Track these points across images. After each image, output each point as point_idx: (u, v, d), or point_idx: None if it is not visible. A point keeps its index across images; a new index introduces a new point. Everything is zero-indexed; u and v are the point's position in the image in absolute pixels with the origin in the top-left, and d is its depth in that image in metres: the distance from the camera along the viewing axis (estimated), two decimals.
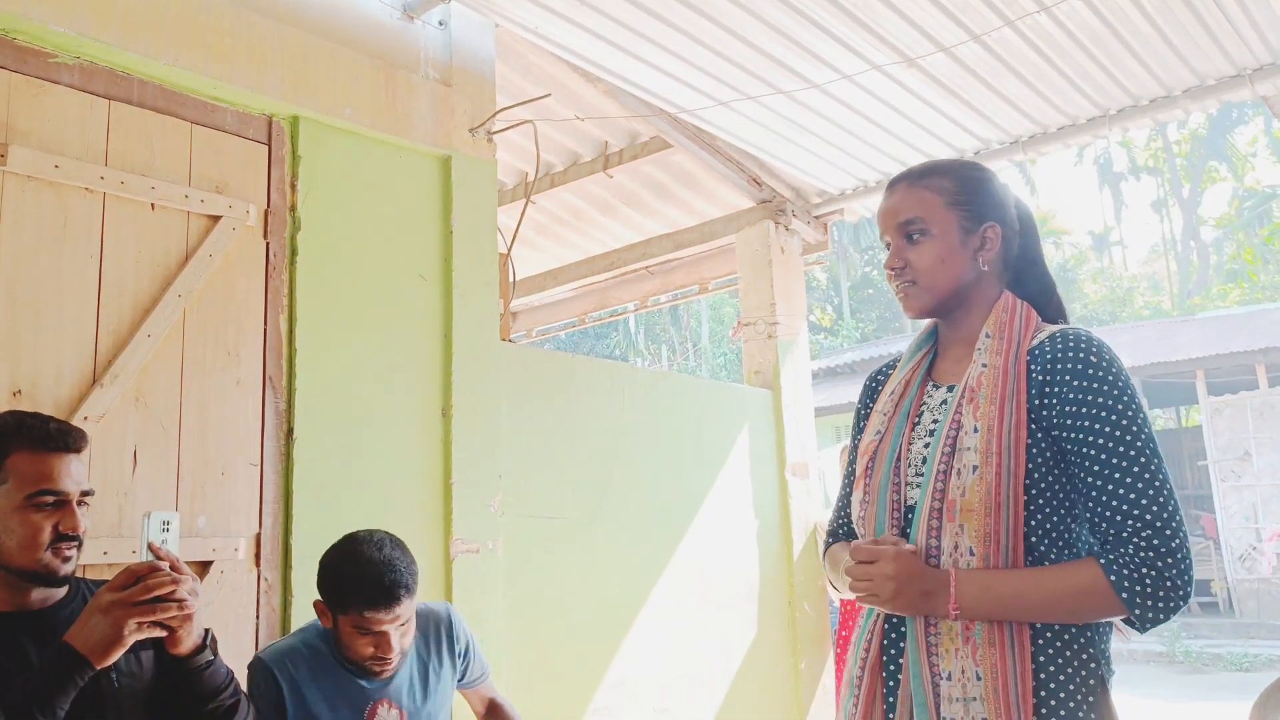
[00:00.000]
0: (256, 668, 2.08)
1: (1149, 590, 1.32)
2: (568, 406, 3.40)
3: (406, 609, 2.00)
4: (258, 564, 2.47)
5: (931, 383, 1.59)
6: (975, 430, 1.42)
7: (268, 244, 2.63)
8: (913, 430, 1.53)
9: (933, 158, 4.19)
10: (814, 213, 4.68)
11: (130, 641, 1.54)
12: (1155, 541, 1.33)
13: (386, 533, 2.08)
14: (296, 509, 2.53)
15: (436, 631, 2.24)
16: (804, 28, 3.19)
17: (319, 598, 2.05)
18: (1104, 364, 1.41)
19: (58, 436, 1.65)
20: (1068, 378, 1.42)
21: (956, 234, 1.52)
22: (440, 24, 3.12)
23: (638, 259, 5.16)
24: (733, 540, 3.97)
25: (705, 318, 22.87)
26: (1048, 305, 1.58)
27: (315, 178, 2.74)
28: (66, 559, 1.64)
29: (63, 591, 1.69)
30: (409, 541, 2.70)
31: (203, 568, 2.36)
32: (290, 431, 2.58)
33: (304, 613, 2.43)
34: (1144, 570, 1.32)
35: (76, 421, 2.16)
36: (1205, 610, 13.87)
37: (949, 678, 1.38)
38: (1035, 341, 1.47)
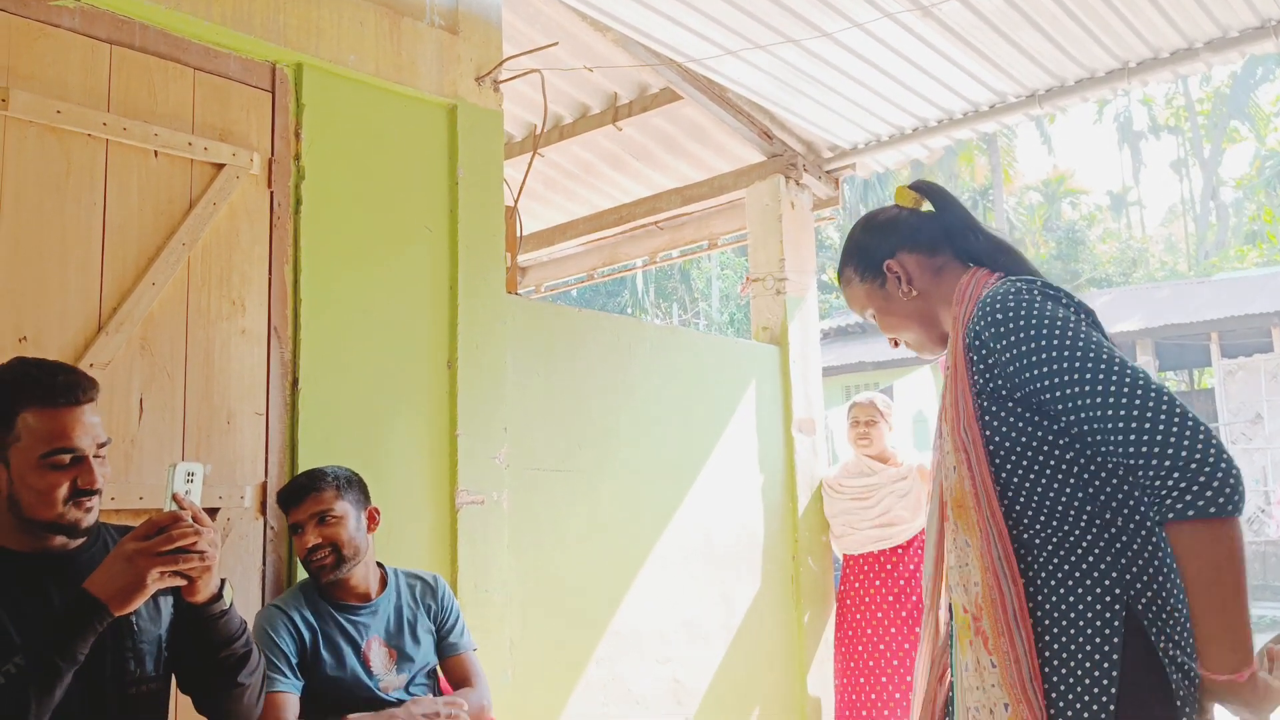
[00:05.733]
0: (267, 612, 2.28)
1: (1219, 491, 1.26)
2: (573, 360, 3.40)
3: (320, 501, 2.27)
4: (263, 512, 2.49)
5: None
6: (948, 432, 1.51)
7: (272, 193, 2.61)
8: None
9: (947, 111, 4.15)
10: (825, 167, 4.63)
11: (152, 590, 1.55)
12: (1169, 467, 1.28)
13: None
14: (301, 458, 2.54)
15: (425, 590, 2.46)
16: None
17: None
18: (1013, 315, 1.42)
19: (66, 390, 1.62)
20: (993, 345, 1.45)
21: (879, 293, 1.69)
22: None
23: (647, 214, 5.12)
24: (738, 495, 3.98)
25: (716, 276, 22.80)
26: (998, 259, 1.62)
27: (319, 126, 2.72)
28: (88, 510, 1.65)
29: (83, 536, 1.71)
30: (415, 491, 2.76)
31: (209, 515, 2.37)
32: (295, 381, 2.58)
33: None
34: (1197, 490, 1.27)
35: (83, 369, 2.16)
36: None
37: (966, 669, 1.44)
38: (971, 322, 1.51)
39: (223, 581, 1.69)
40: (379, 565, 2.42)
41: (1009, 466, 1.45)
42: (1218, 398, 13.53)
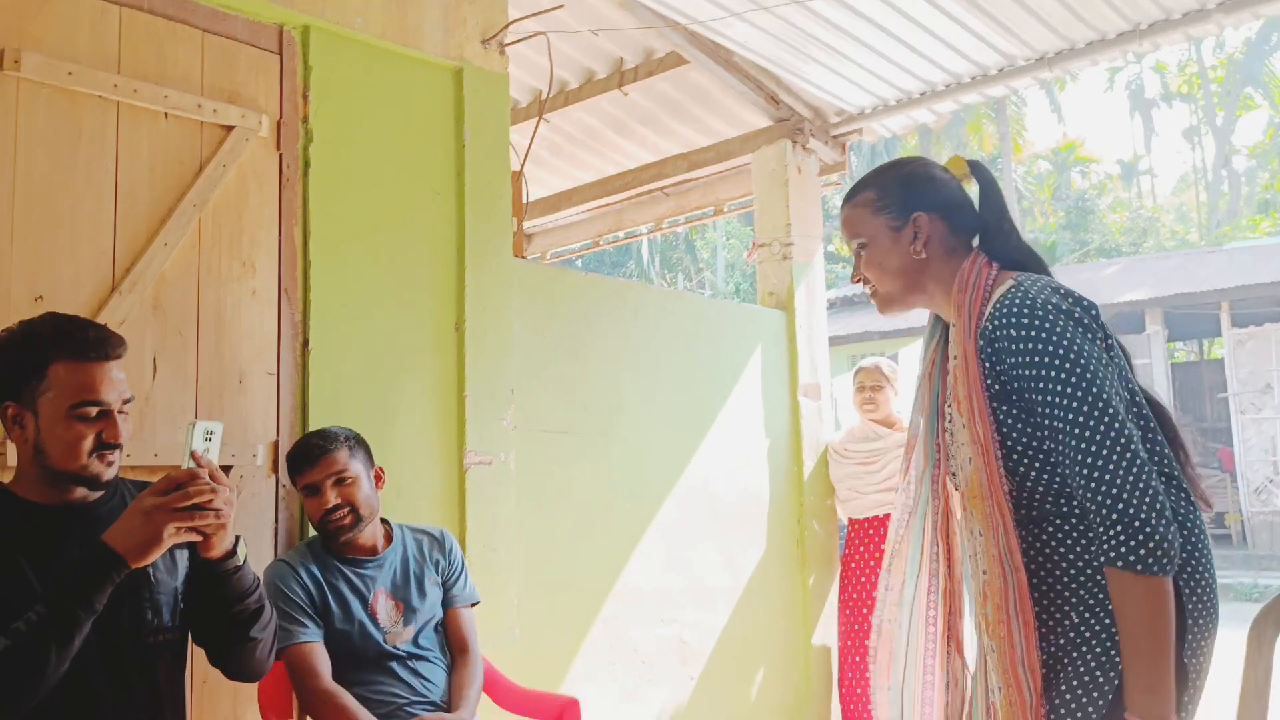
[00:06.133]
0: (275, 568, 2.31)
1: (1132, 547, 1.35)
2: (580, 324, 3.42)
3: (336, 461, 2.29)
4: (275, 470, 2.53)
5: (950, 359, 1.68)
6: (963, 425, 1.53)
7: (280, 155, 2.63)
8: (944, 422, 1.66)
9: (955, 75, 4.13)
10: (832, 132, 4.62)
11: (168, 545, 1.59)
12: (1114, 519, 1.36)
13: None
14: (312, 418, 2.57)
15: (431, 544, 2.48)
16: None
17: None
18: (1028, 333, 1.45)
19: (97, 345, 1.67)
20: (1005, 357, 1.48)
21: (886, 235, 1.65)
22: None
23: (652, 179, 5.12)
24: (743, 459, 4.01)
25: (721, 246, 22.74)
26: (1010, 255, 1.63)
27: (327, 89, 2.73)
28: (110, 464, 1.69)
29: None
30: (423, 451, 2.80)
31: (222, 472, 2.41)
32: (306, 342, 2.62)
33: None
34: (1130, 545, 1.35)
35: None
36: (1218, 542, 13.92)
37: (981, 653, 1.52)
38: (983, 321, 1.53)
39: (237, 538, 1.72)
40: (384, 521, 2.45)
41: (1026, 460, 1.50)
42: (1227, 367, 13.45)
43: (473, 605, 2.51)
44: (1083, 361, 1.41)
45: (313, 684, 2.17)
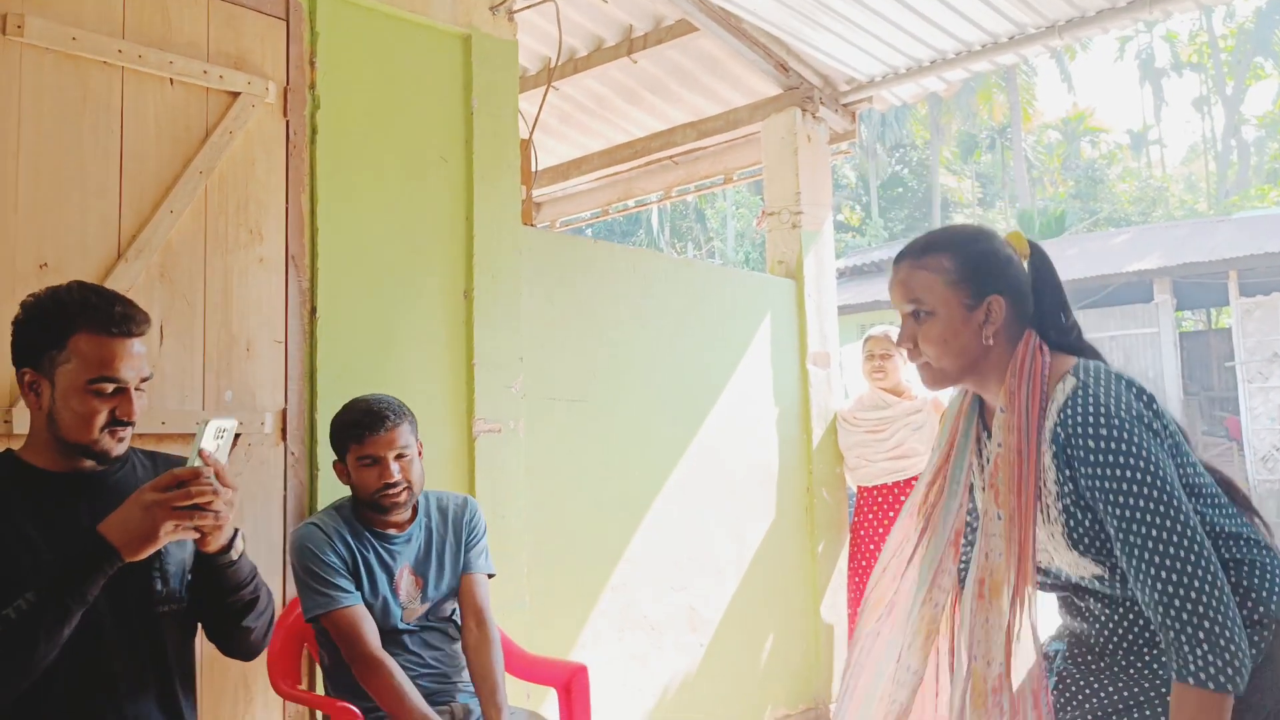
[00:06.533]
0: (308, 531, 2.26)
1: (1220, 666, 1.32)
2: (589, 291, 3.40)
3: (400, 436, 2.23)
4: (284, 438, 2.53)
5: (985, 431, 1.65)
6: (999, 517, 1.49)
7: (287, 122, 2.61)
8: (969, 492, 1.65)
9: (965, 43, 4.08)
10: (842, 101, 4.57)
11: (164, 541, 1.57)
12: (1201, 636, 1.33)
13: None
14: (320, 385, 2.57)
15: (457, 513, 2.43)
16: None
17: (335, 459, 2.31)
18: (1106, 444, 1.40)
19: (121, 321, 1.65)
20: (1080, 466, 1.43)
21: (959, 312, 1.54)
22: None
23: (661, 148, 5.08)
24: (752, 427, 4.01)
25: (730, 215, 22.65)
26: (1059, 332, 1.59)
27: (334, 55, 2.70)
28: (121, 440, 1.68)
29: None
30: (433, 419, 2.80)
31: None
32: (314, 310, 2.61)
33: (329, 485, 2.50)
34: (1217, 664, 1.32)
35: None
36: None
37: None
38: (1050, 423, 1.48)
39: (235, 531, 1.70)
40: None
41: (1115, 557, 1.46)
42: (1235, 336, 13.41)
43: (488, 576, 2.49)
44: (1161, 475, 1.38)
45: (361, 650, 2.15)
